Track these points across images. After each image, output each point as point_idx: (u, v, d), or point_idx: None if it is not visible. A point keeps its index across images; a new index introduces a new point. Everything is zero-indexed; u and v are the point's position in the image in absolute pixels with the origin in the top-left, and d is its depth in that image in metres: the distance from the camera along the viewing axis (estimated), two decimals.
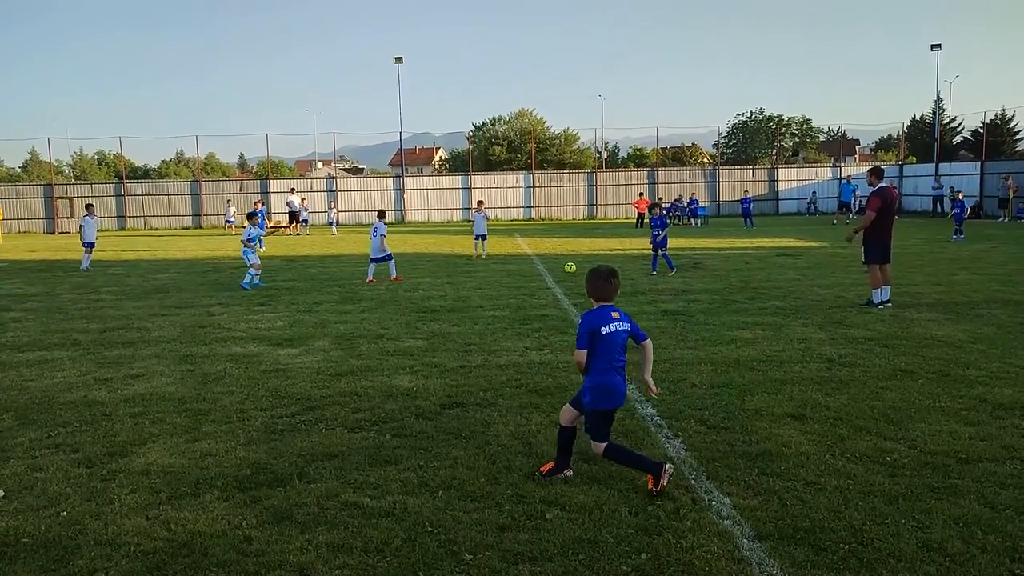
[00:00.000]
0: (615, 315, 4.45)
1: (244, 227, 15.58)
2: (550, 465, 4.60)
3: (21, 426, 5.75)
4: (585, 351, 4.39)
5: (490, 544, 3.75)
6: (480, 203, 21.36)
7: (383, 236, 14.90)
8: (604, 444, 4.44)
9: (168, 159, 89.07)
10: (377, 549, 3.72)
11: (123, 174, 47.46)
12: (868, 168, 11.43)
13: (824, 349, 7.81)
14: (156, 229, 40.16)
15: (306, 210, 33.44)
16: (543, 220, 41.99)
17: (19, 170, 73.31)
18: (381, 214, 15.75)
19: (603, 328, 4.38)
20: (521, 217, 43.04)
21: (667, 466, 4.27)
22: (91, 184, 46.14)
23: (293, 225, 32.86)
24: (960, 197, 23.50)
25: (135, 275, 16.81)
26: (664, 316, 9.99)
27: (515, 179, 43.87)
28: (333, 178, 45.86)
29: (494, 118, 65.11)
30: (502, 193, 43.22)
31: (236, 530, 3.94)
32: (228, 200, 34.76)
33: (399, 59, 43.94)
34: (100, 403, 6.34)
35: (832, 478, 4.42)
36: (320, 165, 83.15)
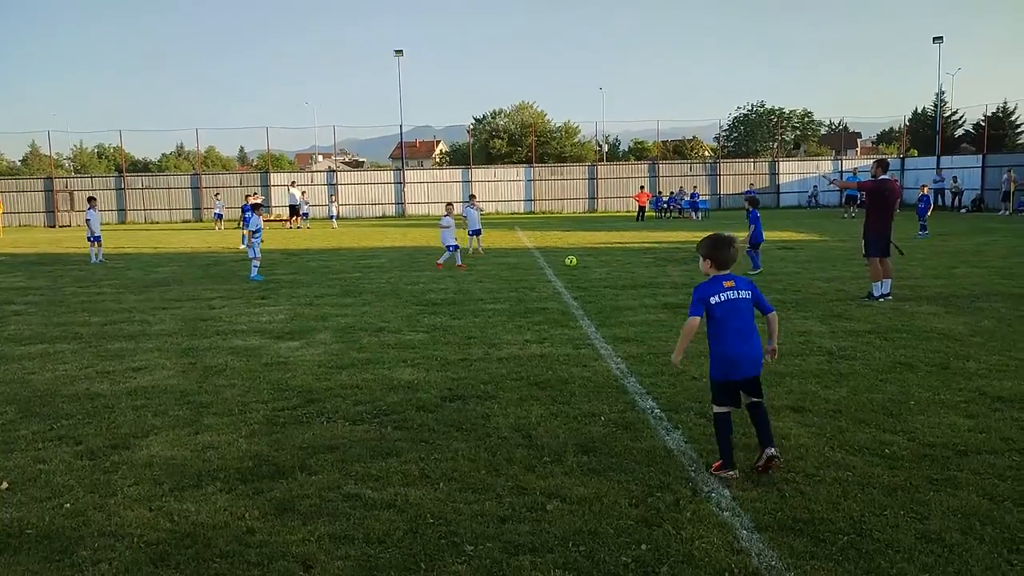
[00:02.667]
0: (728, 283, 4.38)
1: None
2: (718, 463, 4.43)
3: (24, 419, 5.77)
4: (696, 318, 4.38)
5: (491, 535, 3.77)
6: (472, 197, 21.23)
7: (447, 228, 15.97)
8: (716, 410, 4.47)
9: (168, 152, 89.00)
10: (379, 540, 3.75)
11: (123, 167, 47.42)
12: (874, 160, 11.41)
13: (824, 342, 7.83)
14: (156, 223, 40.16)
15: (307, 203, 33.44)
16: (544, 213, 41.97)
17: (19, 163, 73.20)
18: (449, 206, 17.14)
19: (712, 298, 4.35)
20: (522, 210, 43.02)
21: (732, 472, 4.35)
22: (91, 177, 46.16)
23: (294, 218, 32.86)
24: (925, 191, 22.03)
25: (136, 268, 16.82)
26: (664, 309, 10.01)
27: (516, 172, 43.83)
28: (333, 171, 45.83)
29: (494, 111, 64.99)
30: (503, 186, 43.19)
31: (239, 521, 3.97)
32: (216, 194, 34.55)
33: (399, 52, 43.86)
34: (102, 395, 6.36)
35: (831, 470, 4.44)
36: (320, 158, 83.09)
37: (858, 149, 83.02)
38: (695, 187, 37.88)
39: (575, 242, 21.47)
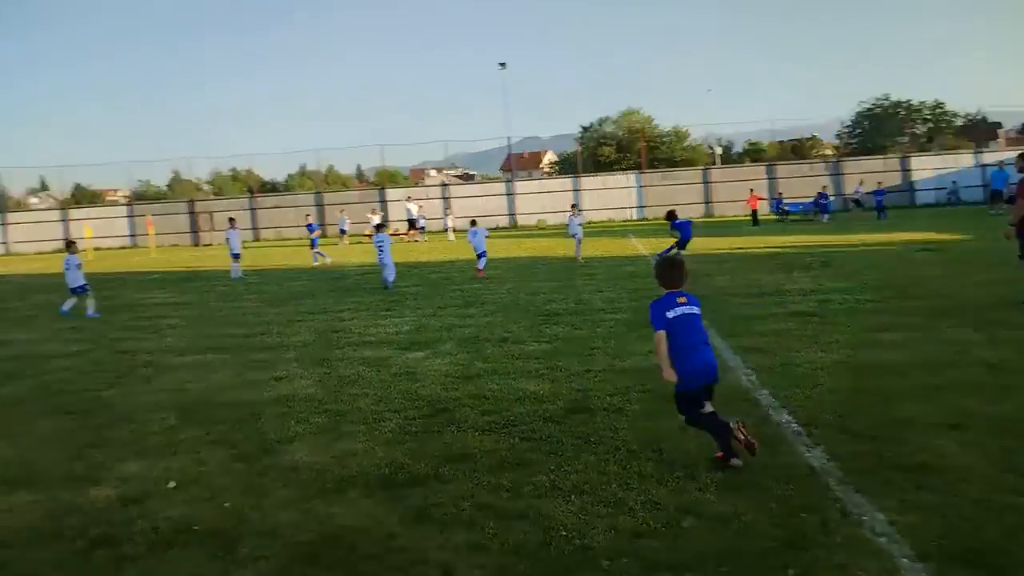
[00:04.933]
0: (681, 300, 4.89)
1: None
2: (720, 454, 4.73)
3: (184, 424, 6.26)
4: (662, 331, 4.81)
5: (626, 551, 3.73)
6: (573, 207, 21.76)
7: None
8: (683, 417, 4.92)
9: (292, 173, 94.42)
10: (514, 551, 3.79)
11: (254, 188, 50.78)
12: (1018, 153, 10.45)
13: (982, 352, 7.22)
14: (286, 239, 42.65)
15: (423, 217, 34.53)
16: (657, 220, 41.28)
17: (165, 188, 79.95)
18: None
19: (668, 312, 4.81)
20: (634, 218, 42.54)
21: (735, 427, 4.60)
22: (227, 199, 49.67)
23: (411, 232, 34.00)
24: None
25: (272, 283, 17.93)
26: (793, 317, 9.57)
27: (626, 179, 43.45)
28: (446, 185, 47.09)
29: (601, 118, 64.73)
30: (613, 194, 42.89)
31: (380, 526, 4.13)
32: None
33: (503, 65, 44.60)
34: (250, 403, 6.81)
35: (1002, 495, 4.07)
36: (433, 173, 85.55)
37: (1001, 140, 76.30)
38: (824, 187, 36.10)
39: (691, 249, 20.94)
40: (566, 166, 64.81)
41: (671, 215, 19.55)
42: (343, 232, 34.24)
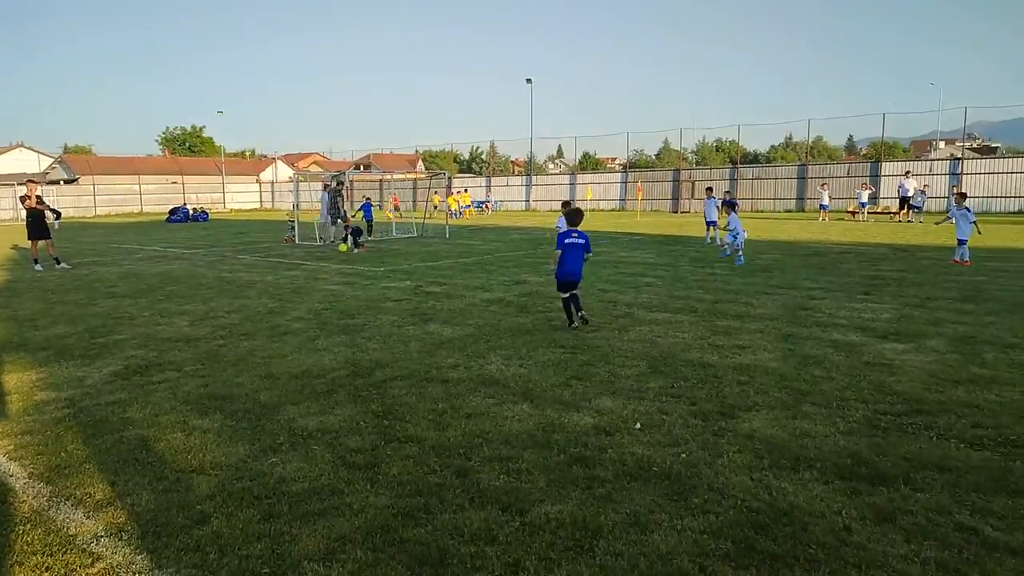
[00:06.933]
0: (574, 235, 8.94)
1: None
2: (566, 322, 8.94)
3: (652, 374, 6.84)
4: (559, 251, 8.96)
5: None
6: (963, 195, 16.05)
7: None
8: (562, 297, 9.12)
9: (777, 144, 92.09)
10: None
11: (737, 159, 51.14)
12: None
13: None
14: (761, 211, 42.20)
15: (923, 195, 30.42)
16: None
17: (654, 157, 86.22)
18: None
19: (565, 240, 8.93)
20: None
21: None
22: (710, 169, 51.13)
23: (903, 211, 30.32)
24: None
25: (747, 255, 18.03)
26: None
27: None
28: (958, 159, 40.35)
29: None
30: None
31: (836, 516, 3.93)
32: (823, 184, 34.39)
33: None
34: (712, 366, 7.07)
35: None
36: (942, 145, 74.16)
37: None
38: None
39: None
40: None
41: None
42: (823, 207, 32.33)
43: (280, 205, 67.51)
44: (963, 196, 16.66)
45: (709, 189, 22.68)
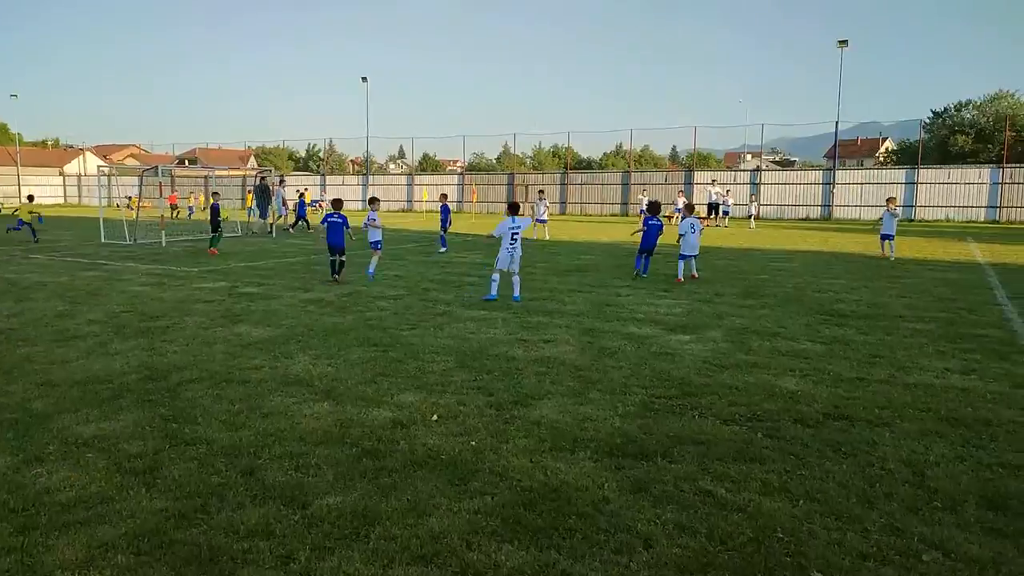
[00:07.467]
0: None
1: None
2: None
3: (458, 368, 7.08)
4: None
5: (846, 569, 3.45)
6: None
7: None
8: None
9: (608, 152, 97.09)
10: (721, 540, 3.73)
11: (568, 164, 53.45)
12: None
13: None
14: (589, 215, 44.41)
15: (726, 202, 33.43)
16: (1014, 224, 34.86)
17: (494, 161, 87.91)
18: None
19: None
20: (982, 219, 36.42)
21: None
22: (542, 174, 53.02)
23: (712, 217, 33.18)
24: None
25: (565, 255, 18.94)
26: None
27: (978, 174, 37.16)
28: (758, 171, 44.78)
29: (959, 103, 55.81)
30: (958, 190, 37.12)
31: (598, 489, 4.33)
32: (644, 191, 37.12)
33: (843, 43, 40.61)
34: (516, 359, 7.43)
35: None
36: (749, 157, 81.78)
37: None
38: None
39: None
40: (906, 156, 57.37)
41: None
42: (643, 212, 34.69)
43: (88, 201, 61.61)
44: (891, 201, 18.82)
45: (541, 191, 23.86)
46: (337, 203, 13.98)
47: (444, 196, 21.62)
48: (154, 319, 9.48)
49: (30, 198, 25.64)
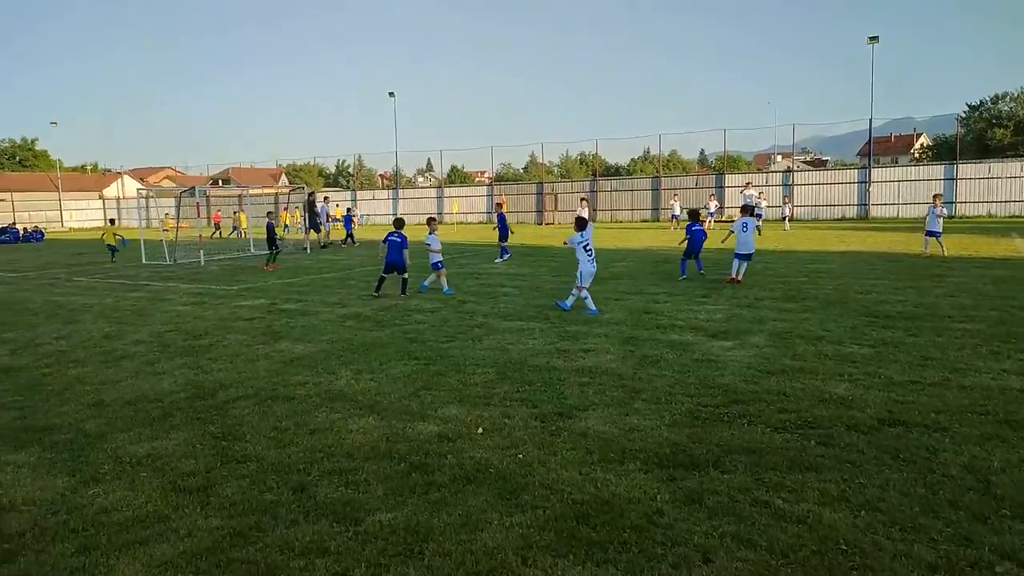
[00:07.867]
0: (395, 236, 13.13)
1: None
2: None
3: (499, 380, 7.06)
4: (386, 244, 13.12)
5: None
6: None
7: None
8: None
9: (636, 157, 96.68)
10: (782, 552, 3.64)
11: (597, 171, 53.29)
12: None
13: None
14: (620, 222, 44.19)
15: (760, 204, 33.02)
16: None
17: (522, 171, 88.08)
18: None
19: (384, 241, 13.20)
20: None
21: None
22: (571, 182, 52.94)
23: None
24: None
25: (599, 262, 18.79)
26: None
27: (1018, 168, 36.20)
28: (790, 171, 44.15)
29: (996, 95, 54.57)
30: (998, 184, 36.17)
31: (651, 501, 4.26)
32: (675, 195, 37.07)
33: (874, 39, 39.96)
34: (557, 369, 7.39)
35: None
36: (779, 158, 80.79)
37: None
38: None
39: None
40: (942, 151, 56.18)
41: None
42: (674, 217, 34.45)
43: (127, 223, 63.09)
44: (937, 197, 18.38)
45: (583, 199, 24.25)
46: (399, 223, 13.82)
47: (499, 205, 22.08)
48: (197, 338, 9.64)
49: (111, 222, 28.42)
